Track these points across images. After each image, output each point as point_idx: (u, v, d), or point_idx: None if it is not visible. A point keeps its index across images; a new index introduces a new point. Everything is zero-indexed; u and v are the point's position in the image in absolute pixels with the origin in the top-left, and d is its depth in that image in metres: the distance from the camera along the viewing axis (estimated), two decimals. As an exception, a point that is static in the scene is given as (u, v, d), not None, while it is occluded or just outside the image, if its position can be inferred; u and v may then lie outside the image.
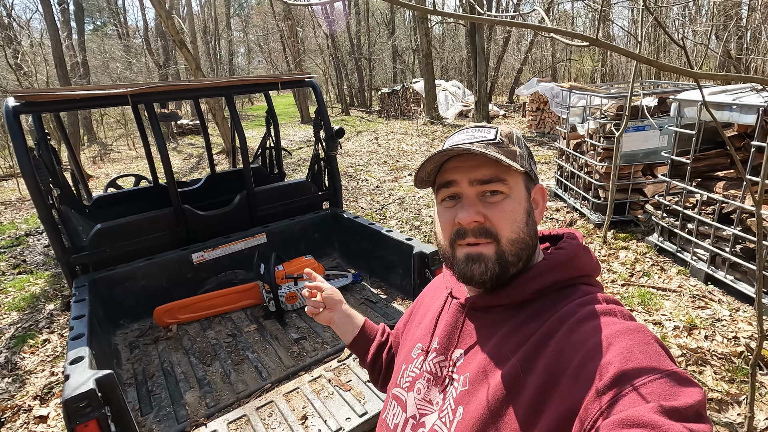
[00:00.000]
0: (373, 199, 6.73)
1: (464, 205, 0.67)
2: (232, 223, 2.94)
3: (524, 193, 0.69)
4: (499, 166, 0.66)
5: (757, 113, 2.83)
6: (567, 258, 0.68)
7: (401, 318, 0.98)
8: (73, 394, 1.30)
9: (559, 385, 0.55)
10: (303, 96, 18.22)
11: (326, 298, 0.99)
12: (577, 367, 0.54)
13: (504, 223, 0.66)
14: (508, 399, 0.59)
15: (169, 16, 8.00)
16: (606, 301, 0.63)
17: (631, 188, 4.55)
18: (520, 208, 0.68)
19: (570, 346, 0.57)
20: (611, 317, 0.59)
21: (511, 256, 0.66)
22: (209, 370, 2.09)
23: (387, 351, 1.01)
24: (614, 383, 0.49)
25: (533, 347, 0.60)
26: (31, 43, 12.47)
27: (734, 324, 2.94)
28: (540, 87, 9.78)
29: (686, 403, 0.46)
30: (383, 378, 1.01)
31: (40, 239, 6.04)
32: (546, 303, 0.65)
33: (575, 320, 0.59)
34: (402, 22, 26.56)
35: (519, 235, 0.67)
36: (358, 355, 1.03)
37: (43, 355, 3.36)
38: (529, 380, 0.58)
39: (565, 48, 20.04)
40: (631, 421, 0.45)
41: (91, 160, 12.81)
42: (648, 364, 0.50)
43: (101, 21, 25.45)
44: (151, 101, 2.59)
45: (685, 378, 0.49)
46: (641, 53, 4.54)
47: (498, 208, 0.66)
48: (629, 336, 0.54)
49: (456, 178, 0.68)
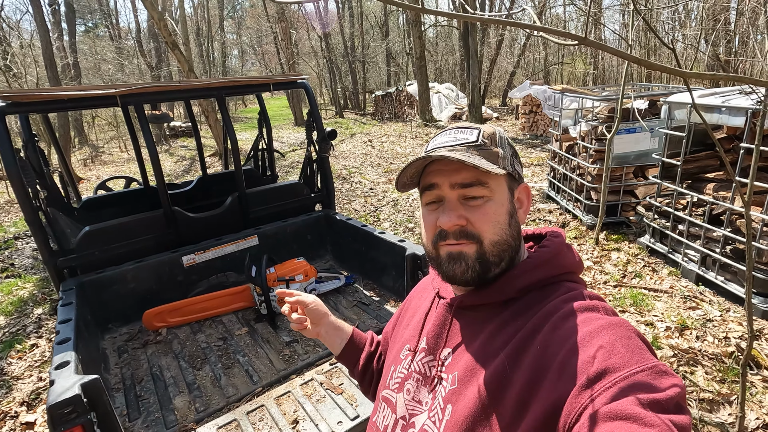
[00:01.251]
0: (366, 201, 6.72)
1: (446, 209, 0.68)
2: (223, 225, 2.91)
3: (507, 194, 0.69)
4: (479, 170, 0.66)
5: (745, 115, 2.85)
6: (550, 256, 0.69)
7: (389, 321, 0.97)
8: (58, 399, 1.27)
9: (544, 380, 0.56)
10: (296, 98, 18.19)
11: (310, 312, 0.95)
12: (562, 362, 0.55)
13: (486, 225, 0.67)
14: (496, 395, 0.59)
15: (162, 17, 7.96)
16: (589, 297, 0.64)
17: (622, 190, 4.58)
18: (503, 209, 0.68)
19: (554, 342, 0.57)
20: (594, 313, 0.60)
21: (492, 256, 0.67)
22: (199, 374, 2.06)
23: (377, 360, 1.00)
24: (597, 377, 0.50)
25: (519, 344, 0.61)
26: (21, 44, 12.33)
27: (725, 324, 2.96)
28: (533, 90, 9.84)
29: (667, 396, 0.47)
30: (374, 387, 0.98)
31: (28, 242, 5.95)
32: (530, 300, 0.66)
33: (559, 316, 0.60)
34: (396, 25, 26.65)
35: (501, 237, 0.67)
36: (348, 366, 1.02)
37: (30, 360, 3.30)
38: (516, 376, 0.58)
39: (557, 51, 20.22)
40: (615, 414, 0.46)
41: (82, 163, 12.69)
42: (630, 359, 0.51)
43: (92, 22, 25.26)
44: (140, 102, 2.56)
45: (665, 371, 0.50)
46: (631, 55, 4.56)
47: (480, 212, 0.67)
48: (612, 331, 0.55)
49: (437, 181, 0.69)
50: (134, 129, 3.43)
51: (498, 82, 21.50)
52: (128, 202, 3.42)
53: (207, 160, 9.25)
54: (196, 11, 23.59)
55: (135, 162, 9.99)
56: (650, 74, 12.79)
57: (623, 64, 4.60)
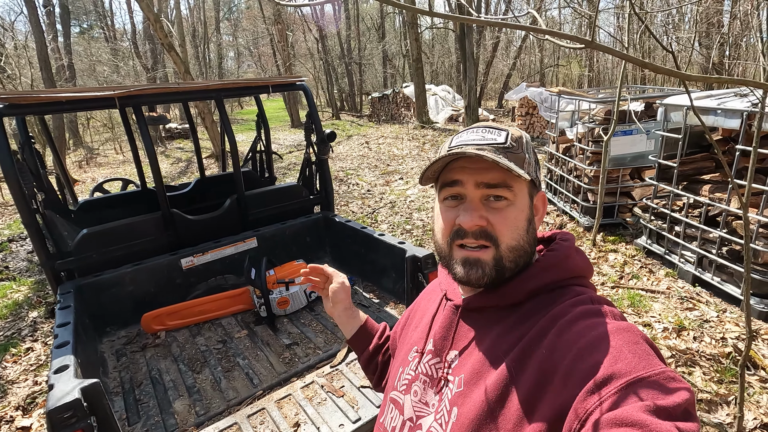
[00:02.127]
0: (364, 203, 6.72)
1: (468, 207, 0.67)
2: (222, 228, 2.90)
3: (527, 200, 0.69)
4: (508, 173, 0.65)
5: (741, 118, 2.88)
6: (559, 260, 0.69)
7: (398, 321, 0.98)
8: (58, 404, 1.26)
9: (550, 384, 0.55)
10: (293, 100, 18.18)
11: (333, 292, 1.00)
12: (568, 366, 0.54)
13: (505, 229, 0.66)
14: (502, 399, 0.59)
15: (158, 19, 7.93)
16: (597, 301, 0.64)
17: (619, 191, 4.61)
18: (522, 215, 0.68)
19: (561, 346, 0.57)
20: (602, 317, 0.59)
21: (509, 262, 0.67)
22: (199, 378, 2.05)
23: (383, 353, 1.02)
24: (604, 383, 0.50)
25: (526, 347, 0.61)
26: (15, 45, 12.24)
27: (722, 325, 2.98)
28: (529, 92, 9.88)
29: (674, 402, 0.47)
30: (377, 378, 1.03)
31: (23, 245, 5.90)
32: (538, 304, 0.66)
33: (567, 320, 0.60)
34: (392, 27, 26.70)
35: (519, 243, 0.67)
36: (356, 351, 1.05)
37: (26, 364, 3.27)
38: (522, 380, 0.58)
39: (553, 54, 20.34)
40: (620, 421, 0.46)
41: (77, 165, 12.61)
42: (637, 364, 0.51)
43: (88, 24, 25.15)
44: (139, 104, 2.54)
45: (674, 377, 0.50)
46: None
47: (501, 215, 0.66)
48: (619, 336, 0.55)
49: (462, 179, 0.67)
50: (131, 131, 3.41)
51: (494, 84, 21.59)
52: (126, 205, 3.40)
53: (204, 162, 9.20)
54: (192, 13, 23.55)
55: (131, 164, 9.88)
56: (645, 77, 12.88)
57: (618, 67, 4.61)
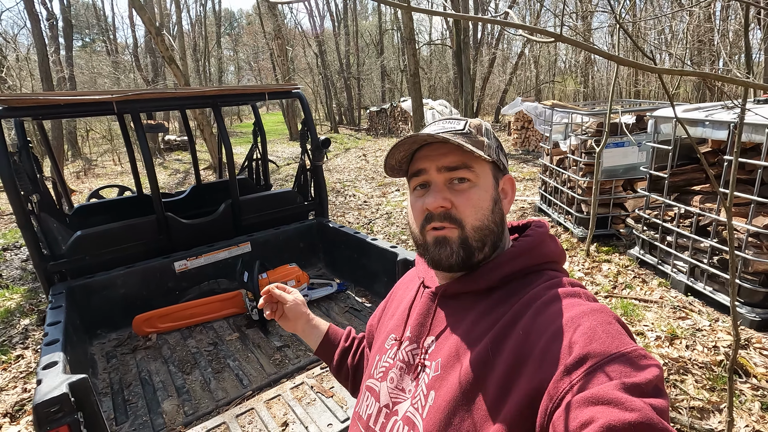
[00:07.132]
0: (360, 214, 6.75)
1: (432, 191, 0.70)
2: (216, 232, 2.91)
3: (491, 182, 0.72)
4: (467, 154, 0.68)
5: (728, 129, 2.94)
6: (533, 245, 0.71)
7: (374, 314, 0.98)
8: (45, 398, 1.26)
9: (526, 365, 0.56)
10: (292, 113, 18.35)
11: (289, 310, 0.98)
12: (544, 347, 0.56)
13: (469, 209, 0.69)
14: (478, 381, 0.60)
15: (159, 32, 8.06)
16: (571, 284, 0.65)
17: (612, 202, 4.65)
18: (487, 195, 0.70)
19: (536, 328, 0.58)
20: (575, 299, 0.61)
21: (475, 241, 0.69)
22: (189, 379, 2.04)
23: (352, 355, 1.01)
24: (579, 363, 0.51)
25: (502, 330, 0.62)
26: (17, 57, 12.38)
27: (714, 334, 2.99)
28: (524, 106, 10.03)
29: (645, 379, 0.48)
30: (351, 385, 1.02)
31: (17, 254, 5.88)
32: (513, 288, 0.67)
33: (541, 303, 0.61)
34: (390, 43, 27.14)
35: (483, 222, 0.69)
36: (325, 361, 1.04)
37: (15, 371, 3.23)
38: (498, 361, 0.59)
39: (549, 71, 20.67)
40: (595, 399, 0.47)
41: (75, 175, 12.62)
42: (610, 344, 0.52)
43: (90, 37, 25.48)
44: (137, 110, 2.58)
45: (644, 355, 0.51)
46: (618, 73, 4.73)
47: (464, 196, 0.69)
48: (592, 317, 0.56)
49: (425, 166, 0.71)
50: (129, 138, 3.44)
51: (491, 100, 21.86)
52: (121, 210, 3.41)
53: (201, 173, 9.24)
54: (194, 27, 23.90)
55: (129, 174, 9.87)
56: (639, 92, 13.09)
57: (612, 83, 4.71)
